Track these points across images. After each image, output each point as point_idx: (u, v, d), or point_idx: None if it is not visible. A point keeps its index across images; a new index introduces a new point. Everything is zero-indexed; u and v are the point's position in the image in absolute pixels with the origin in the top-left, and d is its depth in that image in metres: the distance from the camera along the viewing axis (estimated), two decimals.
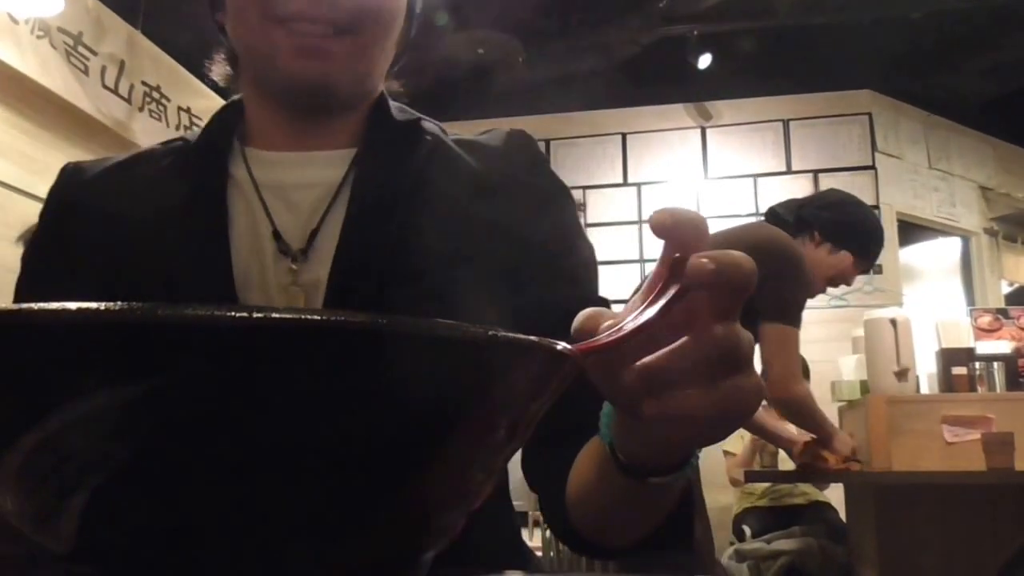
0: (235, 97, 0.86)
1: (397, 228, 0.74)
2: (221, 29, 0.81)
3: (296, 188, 0.78)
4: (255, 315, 0.25)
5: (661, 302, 0.40)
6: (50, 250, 0.81)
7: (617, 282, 5.16)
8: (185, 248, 0.74)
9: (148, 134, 3.87)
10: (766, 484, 3.82)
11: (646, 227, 5.15)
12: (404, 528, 0.31)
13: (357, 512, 0.29)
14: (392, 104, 0.86)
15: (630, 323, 0.40)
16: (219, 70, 0.87)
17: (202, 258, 0.74)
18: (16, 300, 0.81)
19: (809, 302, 2.88)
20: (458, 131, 0.88)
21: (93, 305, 0.24)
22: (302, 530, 0.28)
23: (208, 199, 0.77)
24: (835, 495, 3.79)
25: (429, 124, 0.85)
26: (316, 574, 0.30)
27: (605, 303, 0.81)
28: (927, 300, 5.47)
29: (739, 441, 4.13)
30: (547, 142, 5.43)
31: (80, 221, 0.79)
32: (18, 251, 2.30)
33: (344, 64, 0.73)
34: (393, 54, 0.81)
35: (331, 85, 0.73)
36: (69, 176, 0.83)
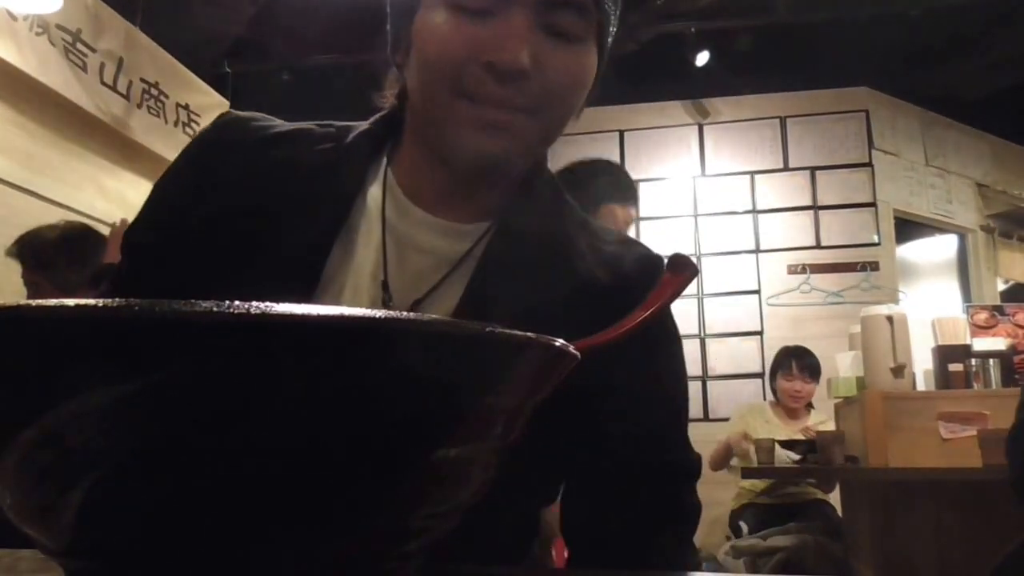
0: (386, 109, 0.82)
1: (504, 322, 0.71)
2: (397, 66, 0.77)
3: (415, 250, 0.75)
4: (254, 311, 0.25)
5: (659, 299, 0.40)
6: (178, 209, 0.77)
7: None
8: (289, 250, 0.72)
9: (146, 130, 3.87)
10: (765, 481, 3.83)
11: (644, 224, 5.15)
12: (399, 524, 0.32)
13: (355, 507, 0.29)
14: (545, 179, 0.82)
15: (628, 319, 0.40)
16: (381, 99, 0.83)
17: (298, 266, 0.72)
18: (127, 236, 0.79)
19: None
20: None
21: (92, 302, 0.25)
22: (301, 525, 0.29)
23: (328, 215, 0.75)
24: (832, 492, 3.80)
25: (574, 217, 0.82)
26: (316, 568, 0.30)
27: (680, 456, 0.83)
28: (924, 297, 5.48)
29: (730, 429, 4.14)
30: None
31: (216, 183, 0.76)
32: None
33: (525, 142, 0.70)
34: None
35: (510, 161, 0.71)
36: (222, 130, 0.80)
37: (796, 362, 4.02)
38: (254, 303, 0.25)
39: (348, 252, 0.74)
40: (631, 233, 5.59)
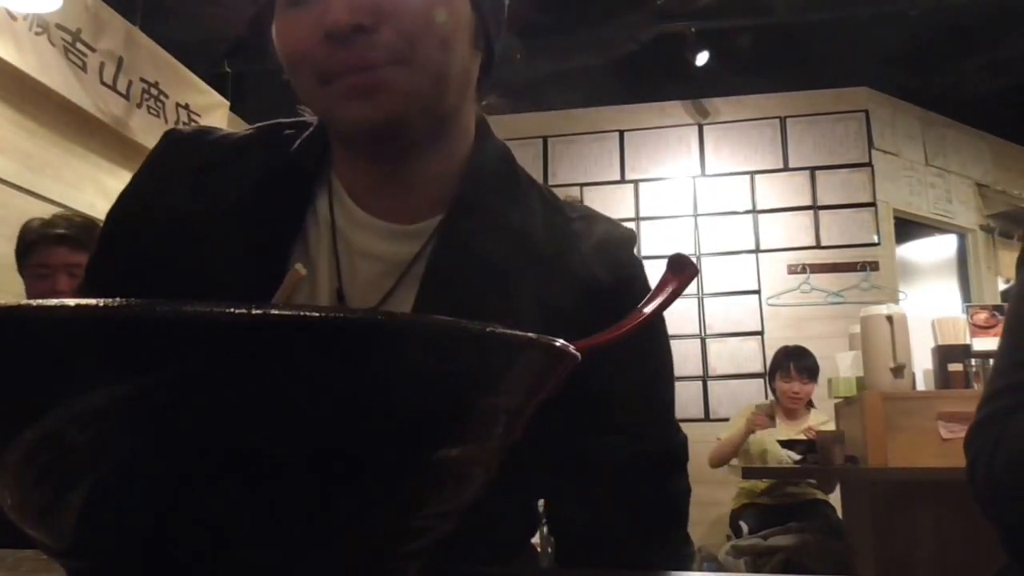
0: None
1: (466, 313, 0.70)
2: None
3: (365, 257, 0.74)
4: (254, 311, 0.25)
5: (659, 299, 0.40)
6: (131, 223, 0.78)
7: None
8: (246, 261, 0.71)
9: (146, 130, 3.87)
10: (765, 481, 3.83)
11: (644, 224, 5.14)
12: (401, 524, 0.32)
13: (356, 507, 0.29)
14: (493, 151, 0.79)
15: (628, 320, 0.40)
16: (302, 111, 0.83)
17: (255, 274, 0.71)
18: (94, 255, 0.80)
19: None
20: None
21: (92, 302, 0.25)
22: (302, 525, 0.29)
23: (281, 228, 0.74)
24: (832, 492, 3.80)
25: (533, 193, 0.80)
26: (317, 568, 0.30)
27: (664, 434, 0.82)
28: (923, 297, 5.48)
29: (730, 430, 4.14)
30: (545, 139, 5.43)
31: (168, 202, 0.76)
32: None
33: (403, 97, 0.67)
34: (470, 72, 0.74)
35: (394, 121, 0.68)
36: (173, 146, 0.80)
37: (794, 363, 4.03)
38: (256, 303, 0.25)
39: (305, 264, 0.73)
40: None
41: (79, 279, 2.25)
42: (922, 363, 2.99)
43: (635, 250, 0.83)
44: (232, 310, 0.25)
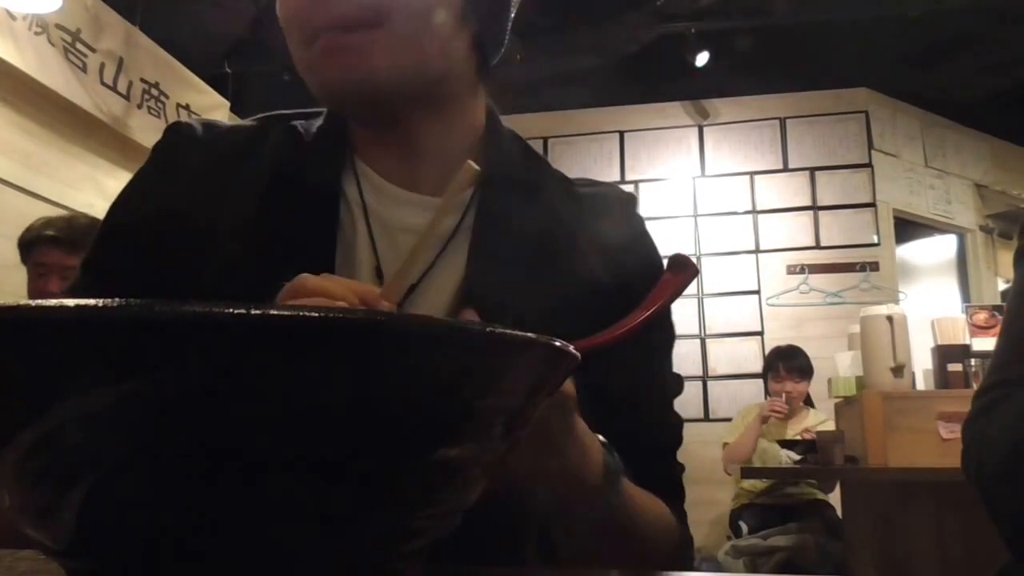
0: None
1: (511, 286, 0.71)
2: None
3: (405, 231, 0.74)
4: (254, 312, 0.25)
5: (659, 299, 0.40)
6: (135, 220, 0.77)
7: None
8: (286, 258, 0.68)
9: (146, 131, 3.87)
10: (765, 481, 3.83)
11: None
12: (401, 524, 0.32)
13: (357, 507, 0.29)
14: (505, 134, 0.82)
15: (629, 320, 0.40)
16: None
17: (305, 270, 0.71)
18: (91, 251, 0.78)
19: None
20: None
21: (91, 302, 0.25)
22: (303, 525, 0.29)
23: (319, 217, 0.73)
24: (832, 492, 3.80)
25: (544, 166, 0.84)
26: (318, 568, 0.30)
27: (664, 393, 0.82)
28: (923, 297, 5.48)
29: (734, 432, 4.14)
30: (545, 140, 5.43)
31: (177, 198, 0.75)
32: (16, 248, 2.30)
33: (379, 60, 0.68)
34: (458, 48, 0.75)
35: (369, 83, 0.68)
36: (177, 139, 0.80)
37: (783, 364, 4.04)
38: (256, 303, 0.25)
39: (346, 250, 0.73)
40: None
41: (71, 282, 2.24)
42: (922, 363, 2.99)
43: (637, 208, 0.88)
44: (232, 310, 0.25)
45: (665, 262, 0.63)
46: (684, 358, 5.09)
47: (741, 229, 5.26)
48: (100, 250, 0.78)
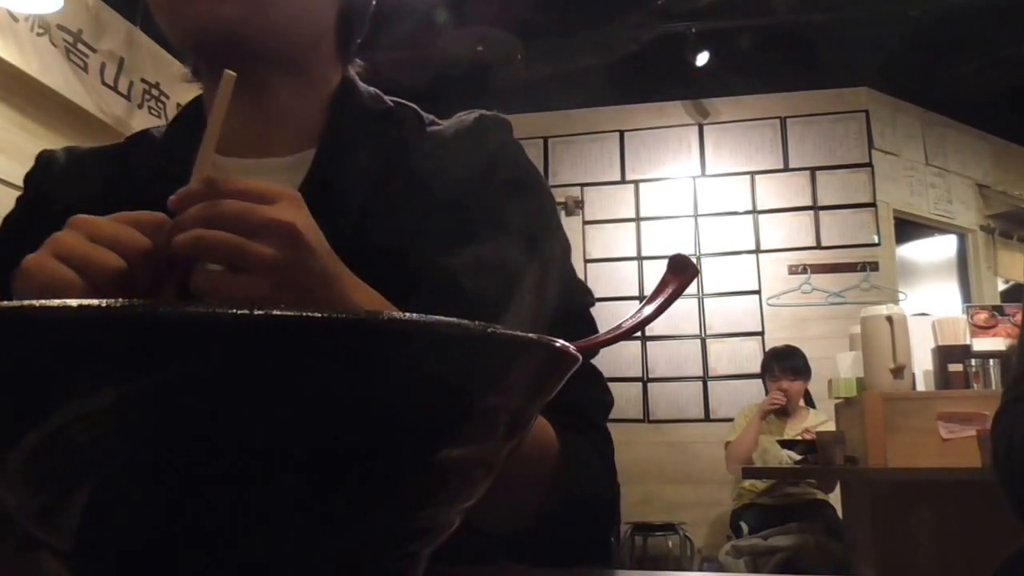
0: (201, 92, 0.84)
1: (353, 237, 0.69)
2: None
3: None
4: (256, 312, 0.25)
5: (659, 299, 0.40)
6: (17, 236, 0.80)
7: (615, 279, 5.16)
8: None
9: None
10: (765, 481, 3.83)
11: (644, 224, 5.15)
12: (402, 525, 0.32)
13: (358, 508, 0.29)
14: (364, 91, 0.83)
15: (629, 320, 0.40)
16: (182, 74, 0.87)
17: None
18: None
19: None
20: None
21: (95, 302, 0.25)
22: (304, 525, 0.29)
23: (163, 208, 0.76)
24: (832, 492, 3.80)
25: (405, 112, 0.83)
26: (319, 569, 0.30)
27: (582, 306, 0.80)
28: (924, 297, 5.48)
29: (736, 432, 4.14)
30: (545, 139, 5.43)
31: (48, 210, 0.77)
32: None
33: (241, 10, 0.69)
34: (322, 17, 0.77)
35: (229, 30, 0.70)
36: (44, 165, 0.85)
37: (778, 364, 4.05)
38: (257, 303, 0.25)
39: None
40: (634, 235, 5.50)
41: None
42: (922, 364, 2.99)
43: (502, 128, 0.86)
44: (235, 311, 0.25)
45: (665, 262, 0.64)
46: (684, 358, 5.09)
47: (741, 229, 5.26)
48: None
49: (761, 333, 5.10)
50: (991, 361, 2.82)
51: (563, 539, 0.71)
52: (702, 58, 4.84)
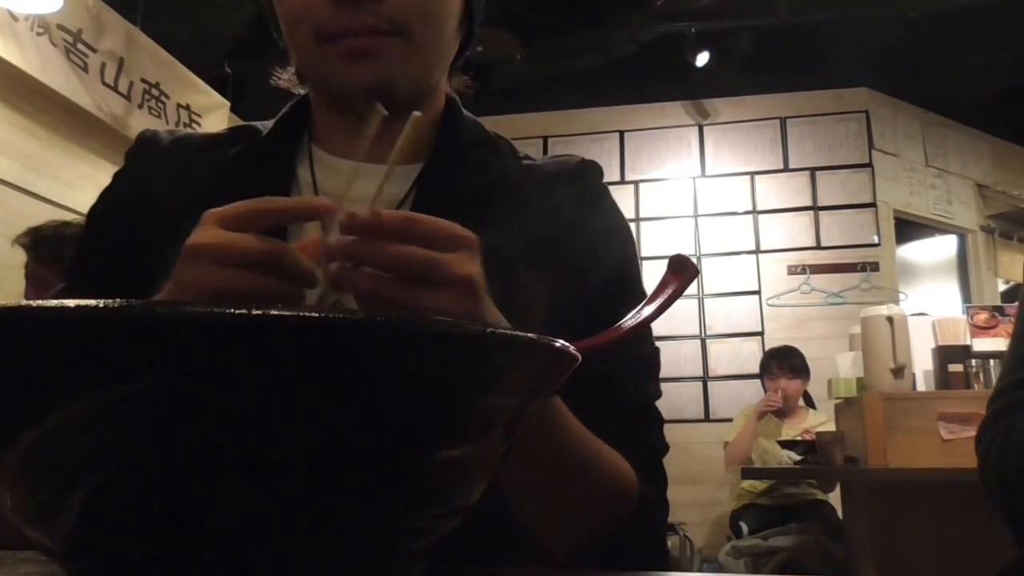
0: (304, 92, 0.86)
1: None
2: (285, 48, 0.82)
3: (355, 201, 0.76)
4: (254, 313, 0.25)
5: (659, 300, 0.40)
6: (111, 220, 0.81)
7: None
8: None
9: None
10: (765, 482, 3.83)
11: (644, 224, 5.13)
12: (402, 525, 0.32)
13: (358, 508, 0.29)
14: (466, 117, 0.86)
15: (629, 320, 0.40)
16: (287, 78, 0.88)
17: None
18: (72, 264, 0.82)
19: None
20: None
21: (92, 303, 0.25)
22: (304, 525, 0.29)
23: None
24: (832, 492, 3.80)
25: (502, 143, 0.86)
26: (320, 569, 0.30)
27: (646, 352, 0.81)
28: (924, 298, 5.48)
29: (735, 432, 4.14)
30: (545, 139, 5.43)
31: (150, 191, 0.79)
32: (16, 248, 2.30)
33: (396, 64, 0.72)
34: (452, 51, 0.81)
35: (385, 85, 0.72)
36: (147, 144, 0.84)
37: (775, 363, 4.06)
38: (257, 304, 0.25)
39: (297, 231, 0.75)
40: (634, 235, 5.49)
41: (41, 292, 2.24)
42: (922, 364, 2.99)
43: (600, 176, 0.89)
44: (233, 311, 0.25)
45: (665, 262, 0.64)
46: (684, 359, 5.09)
47: (741, 229, 5.26)
48: (82, 253, 0.83)
49: (761, 333, 5.10)
50: (991, 361, 2.82)
51: (609, 565, 0.74)
52: (702, 58, 4.84)
